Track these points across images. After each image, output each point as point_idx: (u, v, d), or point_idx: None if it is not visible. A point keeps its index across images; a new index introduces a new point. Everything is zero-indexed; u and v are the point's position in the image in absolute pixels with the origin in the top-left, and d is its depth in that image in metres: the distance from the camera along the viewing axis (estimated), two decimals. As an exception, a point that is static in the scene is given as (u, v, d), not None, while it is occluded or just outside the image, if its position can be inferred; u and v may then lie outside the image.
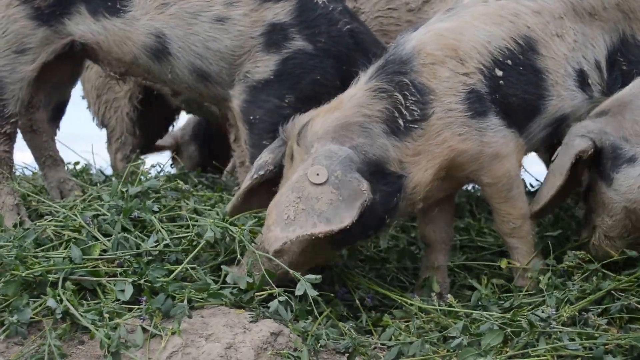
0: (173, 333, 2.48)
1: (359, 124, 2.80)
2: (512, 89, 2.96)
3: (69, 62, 3.61)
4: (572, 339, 2.55)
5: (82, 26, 3.41)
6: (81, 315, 2.51)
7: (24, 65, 3.43)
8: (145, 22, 3.36)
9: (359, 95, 2.87)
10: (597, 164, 2.98)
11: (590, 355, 2.50)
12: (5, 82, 3.43)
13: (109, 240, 2.92)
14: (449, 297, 2.79)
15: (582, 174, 3.07)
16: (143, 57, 3.42)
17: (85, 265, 2.77)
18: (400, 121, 2.82)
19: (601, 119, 2.99)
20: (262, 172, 2.95)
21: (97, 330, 2.45)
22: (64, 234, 3.04)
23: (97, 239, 2.94)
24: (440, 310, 2.78)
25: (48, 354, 2.41)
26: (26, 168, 4.52)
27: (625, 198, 2.92)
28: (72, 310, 2.53)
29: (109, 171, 4.63)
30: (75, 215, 3.09)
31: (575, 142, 2.94)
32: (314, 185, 2.67)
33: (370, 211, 2.72)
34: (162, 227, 3.00)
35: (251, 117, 3.39)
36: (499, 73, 2.94)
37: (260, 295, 2.70)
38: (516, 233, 3.04)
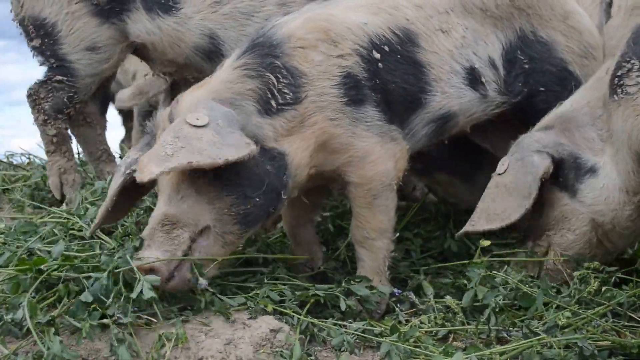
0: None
1: (229, 101, 2.70)
2: (391, 75, 2.87)
3: None
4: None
5: (139, 25, 3.42)
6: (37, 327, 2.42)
7: (100, 64, 3.51)
8: (198, 21, 3.34)
9: (226, 73, 2.77)
10: (556, 176, 2.94)
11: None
12: (81, 74, 3.50)
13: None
14: (448, 298, 2.79)
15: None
16: (196, 58, 3.42)
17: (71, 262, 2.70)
18: (273, 102, 2.74)
19: (551, 132, 2.96)
20: (135, 167, 2.70)
21: (42, 340, 2.37)
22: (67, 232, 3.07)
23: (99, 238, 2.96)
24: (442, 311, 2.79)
25: (47, 348, 2.39)
26: (23, 155, 4.62)
27: (592, 210, 2.89)
28: (28, 320, 2.42)
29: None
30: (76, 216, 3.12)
31: (536, 161, 2.90)
32: (194, 127, 2.56)
33: (270, 186, 2.66)
34: None
35: None
36: (377, 55, 2.85)
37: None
38: (368, 245, 2.90)
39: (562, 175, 2.94)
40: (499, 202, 2.92)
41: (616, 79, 2.78)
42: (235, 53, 2.84)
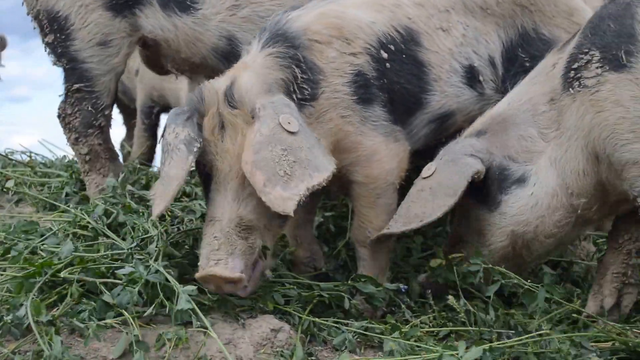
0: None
1: (269, 88, 2.72)
2: (397, 75, 2.89)
3: None
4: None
5: (152, 20, 3.40)
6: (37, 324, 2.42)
7: (111, 58, 3.46)
8: (217, 23, 3.34)
9: (261, 58, 2.77)
10: (474, 189, 2.76)
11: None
12: (95, 74, 3.47)
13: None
14: (450, 298, 2.78)
15: None
16: (213, 59, 3.41)
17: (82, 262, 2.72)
18: (294, 96, 2.75)
19: (483, 139, 2.81)
20: (197, 145, 2.65)
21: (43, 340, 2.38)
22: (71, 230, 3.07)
23: (105, 236, 2.96)
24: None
25: (48, 348, 2.38)
26: (24, 153, 4.58)
27: (516, 220, 2.75)
28: (30, 320, 2.42)
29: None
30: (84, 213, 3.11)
31: (469, 162, 2.73)
32: (292, 134, 2.59)
33: None
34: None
35: None
36: (385, 55, 2.88)
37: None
38: (370, 245, 2.89)
39: (484, 187, 2.77)
40: (420, 204, 2.77)
41: (572, 72, 2.65)
42: (258, 42, 2.82)
